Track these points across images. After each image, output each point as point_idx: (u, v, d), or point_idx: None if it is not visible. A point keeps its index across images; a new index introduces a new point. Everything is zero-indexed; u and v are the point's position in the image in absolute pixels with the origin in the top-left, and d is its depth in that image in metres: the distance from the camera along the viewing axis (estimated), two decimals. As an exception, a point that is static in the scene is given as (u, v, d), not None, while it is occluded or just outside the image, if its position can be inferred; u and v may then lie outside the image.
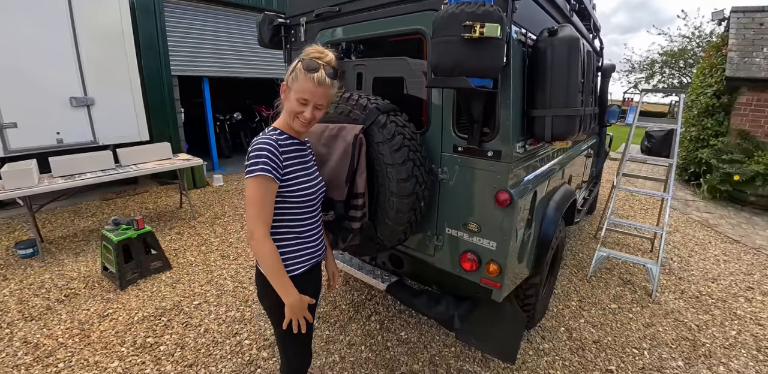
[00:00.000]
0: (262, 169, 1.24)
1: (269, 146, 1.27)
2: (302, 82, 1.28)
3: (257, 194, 1.25)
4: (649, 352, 2.57)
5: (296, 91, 1.29)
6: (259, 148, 1.26)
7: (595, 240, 4.22)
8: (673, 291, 3.34)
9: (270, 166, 1.25)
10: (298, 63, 1.30)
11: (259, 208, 1.26)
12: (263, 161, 1.25)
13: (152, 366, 2.36)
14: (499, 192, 1.67)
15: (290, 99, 1.32)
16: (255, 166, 1.24)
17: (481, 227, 1.79)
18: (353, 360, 2.41)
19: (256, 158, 1.25)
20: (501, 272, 1.78)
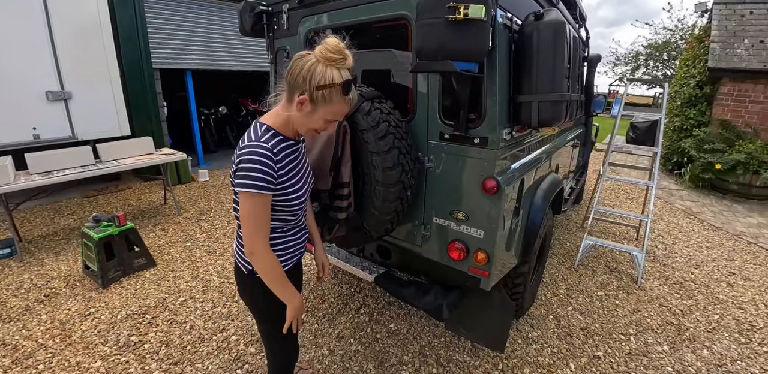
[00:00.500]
0: (258, 186, 1.15)
1: (265, 158, 1.15)
2: (337, 105, 1.19)
3: (254, 211, 1.18)
4: (636, 338, 2.60)
5: (327, 112, 1.19)
6: (254, 161, 1.14)
7: (582, 229, 4.25)
8: (658, 277, 3.38)
9: (265, 181, 1.16)
10: (327, 75, 1.13)
11: (257, 224, 1.19)
12: (258, 177, 1.15)
13: (136, 365, 2.31)
14: (486, 179, 1.65)
15: (313, 117, 1.21)
16: (250, 181, 1.14)
17: (468, 215, 1.76)
18: (342, 353, 2.39)
19: (251, 171, 1.14)
20: (489, 261, 1.76)
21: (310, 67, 1.13)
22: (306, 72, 1.13)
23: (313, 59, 1.14)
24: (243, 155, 1.15)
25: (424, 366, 2.28)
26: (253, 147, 1.16)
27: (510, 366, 2.28)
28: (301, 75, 1.14)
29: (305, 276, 3.25)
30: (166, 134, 5.70)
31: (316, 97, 1.15)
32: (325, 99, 1.15)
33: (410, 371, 2.25)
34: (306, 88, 1.14)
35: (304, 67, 1.14)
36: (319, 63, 1.13)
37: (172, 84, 6.34)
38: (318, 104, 1.17)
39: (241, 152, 1.16)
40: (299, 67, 1.15)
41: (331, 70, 1.13)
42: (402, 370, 2.25)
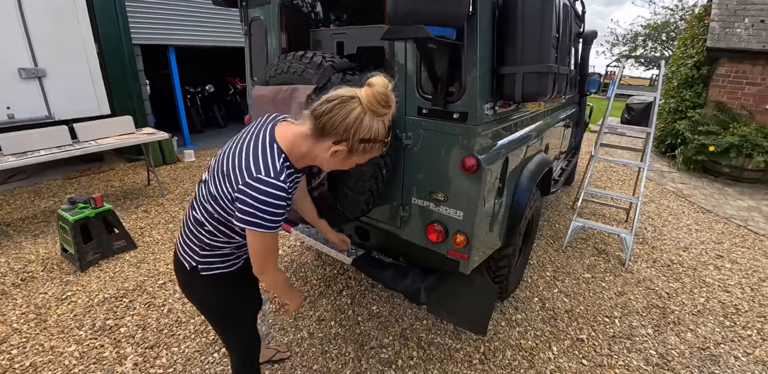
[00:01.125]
0: (271, 227, 1.04)
1: (282, 201, 1.02)
2: (374, 153, 1.12)
3: (267, 246, 1.10)
4: (620, 320, 2.56)
5: (361, 158, 1.13)
6: (270, 203, 1.01)
7: (572, 211, 4.19)
8: (646, 260, 3.34)
9: (278, 222, 1.05)
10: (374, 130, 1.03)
11: (269, 256, 1.13)
12: (272, 219, 1.02)
13: (111, 349, 2.25)
14: (465, 157, 1.54)
15: (345, 162, 1.13)
16: (263, 222, 1.02)
17: (447, 196, 1.67)
18: (322, 335, 2.33)
19: (264, 213, 1.01)
20: (468, 243, 1.68)
21: (356, 117, 1.00)
22: (352, 123, 1.01)
23: (359, 109, 1.00)
24: (258, 191, 0.99)
25: (405, 349, 2.23)
26: (271, 185, 1.00)
27: (492, 349, 2.24)
28: (344, 125, 1.01)
29: (289, 257, 3.18)
30: (150, 113, 5.51)
31: (356, 149, 1.06)
32: (366, 151, 1.08)
33: (390, 354, 2.20)
34: (348, 138, 1.03)
35: (350, 117, 1.00)
36: (366, 114, 1.01)
37: (155, 61, 6.09)
38: (356, 154, 1.08)
39: (256, 185, 1.00)
40: (343, 115, 1.00)
41: (378, 124, 1.03)
42: (381, 353, 2.20)
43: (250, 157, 1.05)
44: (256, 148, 1.07)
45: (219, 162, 1.13)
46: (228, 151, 1.13)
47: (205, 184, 1.16)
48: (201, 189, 1.18)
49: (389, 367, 2.11)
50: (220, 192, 1.08)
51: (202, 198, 1.16)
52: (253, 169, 1.02)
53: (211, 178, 1.14)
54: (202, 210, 1.16)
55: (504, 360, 2.17)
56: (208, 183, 1.14)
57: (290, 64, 1.65)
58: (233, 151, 1.11)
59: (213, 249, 1.24)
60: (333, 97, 1.01)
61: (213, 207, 1.12)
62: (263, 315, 2.50)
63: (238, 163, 1.05)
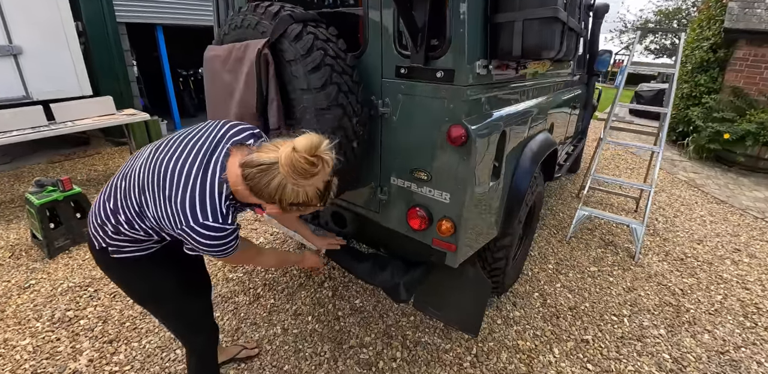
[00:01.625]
0: (230, 252, 1.04)
1: (232, 234, 1.02)
2: (312, 208, 1.02)
3: (236, 258, 1.12)
4: (629, 319, 2.28)
5: (299, 212, 1.05)
6: (221, 244, 1.00)
7: (577, 200, 3.88)
8: (657, 253, 3.04)
9: (235, 243, 1.04)
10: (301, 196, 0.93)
11: (244, 260, 1.33)
12: (229, 247, 1.02)
13: (67, 343, 2.01)
14: (452, 126, 1.25)
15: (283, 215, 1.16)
16: (220, 252, 1.02)
17: (431, 175, 1.38)
18: (297, 332, 2.08)
19: (218, 248, 1.01)
20: (455, 231, 1.39)
21: (278, 186, 0.90)
22: (274, 191, 0.91)
23: (279, 178, 0.90)
24: (205, 236, 0.96)
25: (387, 349, 1.98)
26: (218, 230, 0.97)
27: (485, 351, 1.97)
28: (268, 192, 0.92)
29: (270, 245, 2.92)
30: (137, 95, 5.23)
31: (289, 209, 0.98)
32: (300, 209, 1.00)
33: (371, 354, 1.94)
34: (275, 203, 0.95)
35: (270, 186, 0.91)
36: (288, 183, 0.90)
37: (146, 42, 5.78)
38: (291, 211, 1.00)
39: (202, 231, 0.96)
40: (264, 184, 0.91)
41: (306, 189, 0.92)
42: (361, 353, 1.95)
43: (195, 197, 0.96)
44: (203, 186, 0.97)
45: (149, 169, 1.02)
46: (162, 161, 1.02)
47: (128, 181, 1.05)
48: (123, 184, 1.07)
49: (369, 370, 1.86)
50: (145, 209, 1.01)
51: (124, 194, 1.05)
52: (199, 213, 0.95)
53: (134, 183, 1.03)
54: (123, 205, 1.05)
55: (498, 363, 1.91)
56: (132, 185, 1.04)
57: (245, 16, 1.36)
58: (170, 166, 1.00)
59: (127, 236, 1.10)
60: (254, 162, 0.91)
61: (136, 213, 1.04)
62: (236, 308, 2.25)
63: (178, 197, 0.96)
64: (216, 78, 1.47)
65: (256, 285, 2.46)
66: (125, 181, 1.05)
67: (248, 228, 3.14)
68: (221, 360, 1.85)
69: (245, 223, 3.23)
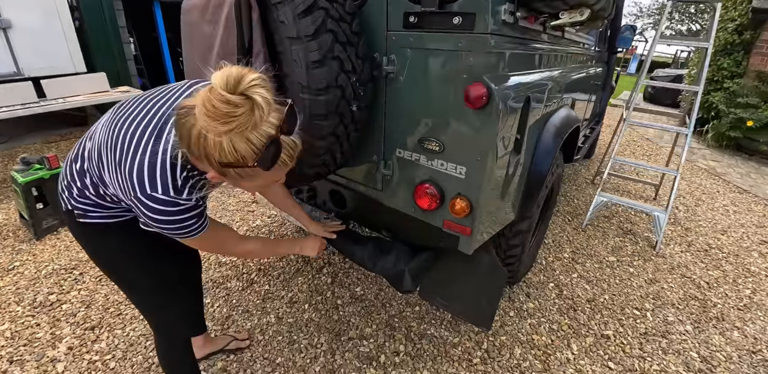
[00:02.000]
0: (195, 232, 0.88)
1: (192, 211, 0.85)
2: (267, 176, 0.80)
3: (208, 244, 0.99)
4: (653, 314, 2.08)
5: (255, 185, 0.89)
6: (177, 220, 0.83)
7: (592, 186, 3.65)
8: (679, 243, 2.82)
9: (200, 223, 0.88)
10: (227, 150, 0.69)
11: (221, 247, 1.05)
12: (191, 226, 0.86)
13: (47, 329, 1.85)
14: (471, 85, 1.03)
15: (239, 187, 0.95)
16: (181, 232, 0.86)
17: (444, 145, 1.16)
18: (292, 321, 1.90)
19: (175, 227, 0.84)
20: (472, 212, 1.18)
21: (198, 137, 0.70)
22: (195, 145, 0.71)
23: (198, 124, 0.69)
24: (154, 210, 0.80)
25: (390, 342, 1.79)
26: (170, 204, 0.81)
27: (497, 346, 1.78)
28: (193, 148, 0.72)
29: (267, 228, 2.73)
30: (135, 74, 5.00)
31: (227, 174, 0.76)
32: (241, 176, 0.77)
33: (371, 347, 1.76)
34: (206, 164, 0.75)
35: (191, 138, 0.71)
36: (208, 132, 0.68)
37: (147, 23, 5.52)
38: (237, 180, 0.79)
39: (149, 203, 0.80)
40: (185, 135, 0.72)
41: (236, 143, 0.68)
42: (361, 346, 1.77)
43: (144, 164, 0.79)
44: (155, 151, 0.81)
45: (108, 130, 0.89)
46: (119, 122, 0.88)
47: (92, 141, 0.93)
48: (88, 144, 0.95)
49: (369, 364, 1.68)
50: (103, 173, 0.89)
51: (89, 155, 0.93)
52: (147, 183, 0.79)
53: (95, 144, 0.91)
54: (89, 166, 0.94)
55: (512, 359, 1.72)
56: (93, 146, 0.92)
57: (227, -47, 1.13)
58: (124, 128, 0.86)
59: (91, 200, 0.98)
60: (177, 109, 0.73)
61: (98, 177, 0.92)
62: (227, 294, 2.08)
63: (127, 163, 0.81)
64: (195, 31, 1.25)
65: (250, 270, 2.28)
66: (90, 142, 0.95)
67: (245, 211, 2.95)
68: (209, 351, 1.68)
69: (241, 206, 3.04)
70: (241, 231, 2.68)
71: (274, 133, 0.70)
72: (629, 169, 4.20)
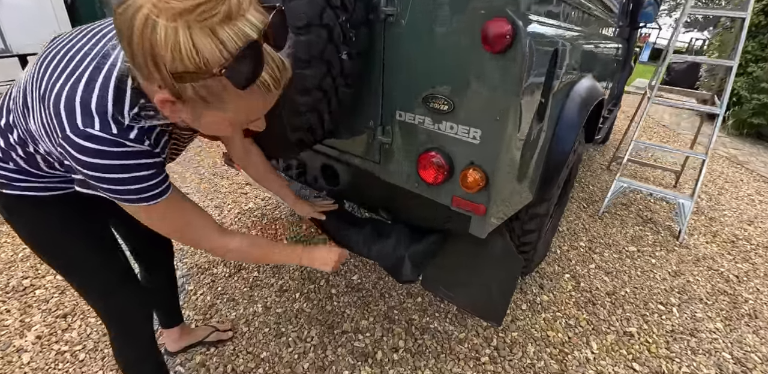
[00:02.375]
0: (159, 187, 0.66)
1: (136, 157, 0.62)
2: (241, 103, 0.57)
3: (177, 221, 0.74)
4: (679, 309, 1.87)
5: (225, 117, 0.59)
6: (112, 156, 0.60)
7: (607, 172, 3.40)
8: (704, 233, 2.59)
9: (160, 186, 0.67)
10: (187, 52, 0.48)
11: (194, 229, 0.76)
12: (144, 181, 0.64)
13: (17, 316, 1.68)
14: (491, 20, 0.80)
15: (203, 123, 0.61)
16: (133, 188, 0.63)
17: (454, 103, 0.94)
18: (281, 311, 1.71)
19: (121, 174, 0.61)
20: (486, 186, 0.96)
21: (142, 27, 0.47)
22: (138, 42, 0.48)
23: (144, 9, 0.47)
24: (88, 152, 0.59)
25: (388, 337, 1.60)
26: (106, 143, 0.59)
27: (508, 343, 1.58)
28: (134, 45, 0.49)
29: (260, 211, 2.52)
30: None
31: (183, 95, 0.53)
32: (203, 99, 0.54)
33: (367, 342, 1.57)
34: (156, 76, 0.51)
35: (134, 30, 0.48)
36: (157, 23, 0.47)
37: None
38: (196, 108, 0.56)
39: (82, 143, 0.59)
40: (126, 26, 0.48)
41: (191, 35, 0.47)
42: (355, 340, 1.57)
43: (77, 92, 0.59)
44: (93, 77, 0.60)
45: (38, 65, 0.68)
46: (53, 53, 0.68)
47: (20, 86, 0.71)
48: (14, 92, 0.75)
49: (364, 361, 1.48)
50: (29, 119, 0.68)
51: (15, 104, 0.73)
52: (78, 114, 0.58)
53: (23, 87, 0.70)
54: (15, 119, 0.73)
55: (524, 358, 1.52)
56: (20, 90, 0.71)
57: None
58: (57, 57, 0.66)
59: (18, 165, 0.78)
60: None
61: (25, 129, 0.72)
62: (212, 281, 1.89)
63: (53, 93, 0.61)
64: None
65: (239, 256, 2.09)
66: (16, 89, 0.74)
67: (237, 193, 2.75)
68: (186, 344, 1.49)
69: (235, 188, 2.84)
70: (232, 213, 2.48)
71: (255, 37, 0.50)
72: (646, 156, 3.94)
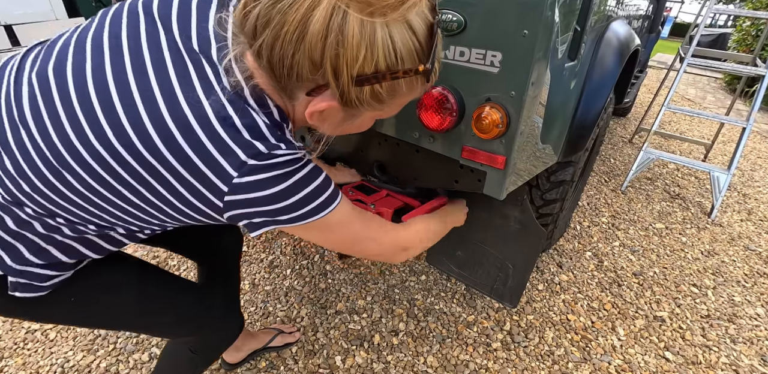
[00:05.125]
0: (333, 195, 0.54)
1: (319, 174, 0.52)
2: (405, 98, 0.49)
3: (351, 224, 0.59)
4: (715, 293, 1.63)
5: (380, 113, 0.51)
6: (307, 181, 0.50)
7: (630, 145, 3.10)
8: (738, 210, 2.31)
9: (331, 188, 0.54)
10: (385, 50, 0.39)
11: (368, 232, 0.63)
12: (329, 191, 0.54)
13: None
14: None
15: (346, 125, 0.52)
16: (325, 198, 0.53)
17: (466, 19, 0.69)
18: (269, 289, 1.52)
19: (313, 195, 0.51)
20: (508, 129, 0.72)
21: (324, 29, 0.38)
22: (312, 45, 0.39)
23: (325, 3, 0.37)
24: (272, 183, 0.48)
25: (387, 318, 1.40)
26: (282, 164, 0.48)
27: (523, 327, 1.37)
28: (307, 55, 0.40)
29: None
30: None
31: (357, 99, 0.44)
32: (379, 98, 0.45)
33: (363, 324, 1.37)
34: (329, 80, 0.42)
35: (310, 32, 0.39)
36: (348, 15, 0.38)
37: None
38: (361, 107, 0.45)
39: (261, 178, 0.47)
40: (288, 22, 0.39)
41: (390, 32, 0.40)
42: (350, 322, 1.38)
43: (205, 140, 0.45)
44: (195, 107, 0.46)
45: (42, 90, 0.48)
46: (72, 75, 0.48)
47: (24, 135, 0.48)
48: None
49: (359, 345, 1.29)
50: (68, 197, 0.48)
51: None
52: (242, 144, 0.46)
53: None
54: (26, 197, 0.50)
55: (542, 345, 1.31)
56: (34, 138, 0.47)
57: None
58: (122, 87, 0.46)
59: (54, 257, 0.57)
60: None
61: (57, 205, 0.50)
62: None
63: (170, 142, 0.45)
64: None
65: (228, 230, 1.89)
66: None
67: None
68: (250, 350, 1.20)
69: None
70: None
71: (432, 19, 0.43)
72: (671, 129, 3.62)
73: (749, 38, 5.08)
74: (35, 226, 0.52)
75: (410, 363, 1.23)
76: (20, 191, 0.48)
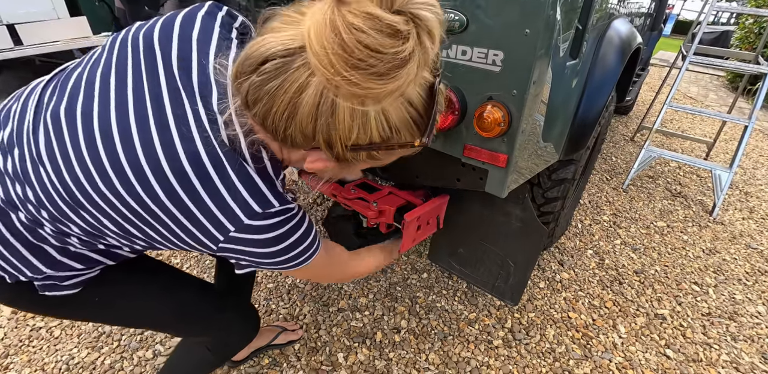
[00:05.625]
0: (317, 240, 0.59)
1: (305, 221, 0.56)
2: (386, 159, 0.50)
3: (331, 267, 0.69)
4: (716, 291, 1.63)
5: (386, 159, 0.50)
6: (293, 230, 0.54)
7: (631, 144, 3.10)
8: (740, 208, 2.31)
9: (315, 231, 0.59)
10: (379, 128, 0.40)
11: (341, 264, 0.74)
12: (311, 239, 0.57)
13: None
14: None
15: (345, 171, 0.52)
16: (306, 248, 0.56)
17: (467, 17, 0.69)
18: (272, 287, 1.53)
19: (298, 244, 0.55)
20: (510, 128, 0.73)
21: (314, 109, 0.38)
22: (310, 121, 0.39)
23: (312, 89, 0.37)
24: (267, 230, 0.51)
25: (389, 316, 1.41)
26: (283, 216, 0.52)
27: (524, 325, 1.38)
28: (300, 126, 0.40)
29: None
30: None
31: (353, 158, 0.45)
32: (375, 157, 0.46)
33: (365, 322, 1.38)
34: (322, 146, 0.42)
35: (301, 109, 0.38)
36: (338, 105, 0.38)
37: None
38: (357, 163, 0.48)
39: (259, 224, 0.50)
40: (282, 108, 0.39)
41: (385, 112, 0.39)
42: (352, 319, 1.38)
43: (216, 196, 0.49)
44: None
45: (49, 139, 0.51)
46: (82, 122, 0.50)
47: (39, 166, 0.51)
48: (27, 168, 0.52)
49: (361, 342, 1.30)
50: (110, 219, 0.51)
51: (39, 197, 0.52)
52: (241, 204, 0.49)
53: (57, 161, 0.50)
54: (48, 217, 0.53)
55: (543, 342, 1.31)
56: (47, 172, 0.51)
57: None
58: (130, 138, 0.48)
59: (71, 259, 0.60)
60: (253, 58, 0.39)
61: (81, 229, 0.53)
62: (200, 254, 1.71)
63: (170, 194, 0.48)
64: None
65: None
66: (30, 164, 0.53)
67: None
68: (254, 348, 1.21)
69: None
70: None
71: (432, 79, 0.41)
72: (673, 128, 3.62)
73: (752, 36, 5.05)
74: (51, 241, 0.56)
75: (412, 360, 1.24)
76: (40, 215, 0.53)
